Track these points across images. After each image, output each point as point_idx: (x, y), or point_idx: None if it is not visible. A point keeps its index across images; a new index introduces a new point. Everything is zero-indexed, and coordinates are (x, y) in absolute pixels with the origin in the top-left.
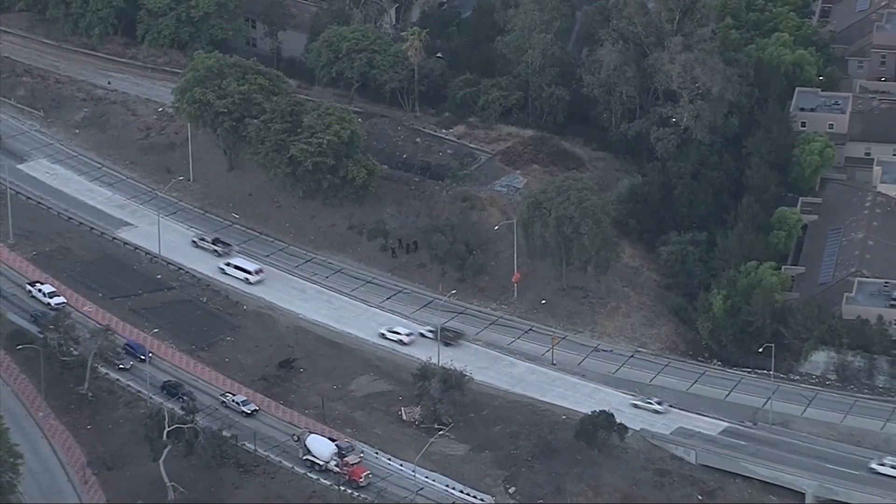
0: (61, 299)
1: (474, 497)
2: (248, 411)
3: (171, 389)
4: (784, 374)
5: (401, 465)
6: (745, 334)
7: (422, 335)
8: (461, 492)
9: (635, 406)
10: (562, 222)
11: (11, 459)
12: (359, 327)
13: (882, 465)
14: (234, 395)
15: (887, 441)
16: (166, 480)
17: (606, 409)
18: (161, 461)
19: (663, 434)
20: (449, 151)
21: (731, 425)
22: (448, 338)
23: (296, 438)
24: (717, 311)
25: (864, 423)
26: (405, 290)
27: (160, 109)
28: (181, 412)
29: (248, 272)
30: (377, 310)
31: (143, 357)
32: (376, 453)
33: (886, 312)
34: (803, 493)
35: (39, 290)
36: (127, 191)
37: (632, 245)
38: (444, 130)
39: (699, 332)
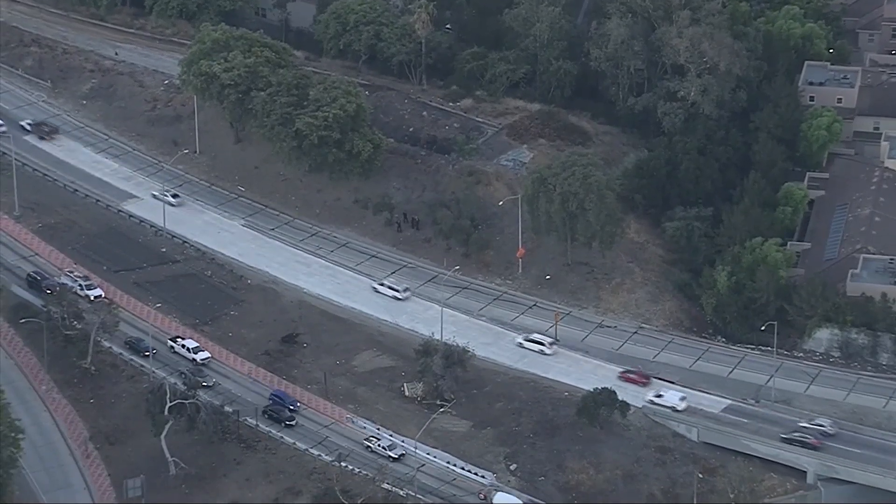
0: (207, 354)
1: (475, 474)
2: (395, 455)
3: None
4: (787, 351)
5: (402, 441)
6: (749, 311)
7: (23, 128)
8: (462, 468)
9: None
10: (566, 198)
11: (13, 434)
12: (363, 302)
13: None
14: (378, 438)
15: (889, 418)
16: (168, 456)
17: (609, 387)
18: (162, 436)
19: (665, 411)
20: (455, 125)
21: (734, 402)
22: (43, 132)
23: (482, 497)
24: (721, 288)
25: (867, 400)
26: (410, 265)
27: (167, 81)
28: (183, 387)
29: None
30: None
31: (292, 407)
32: (378, 429)
33: (891, 290)
34: (805, 472)
35: (183, 346)
36: (133, 163)
37: (637, 220)
38: (450, 104)
39: (703, 308)
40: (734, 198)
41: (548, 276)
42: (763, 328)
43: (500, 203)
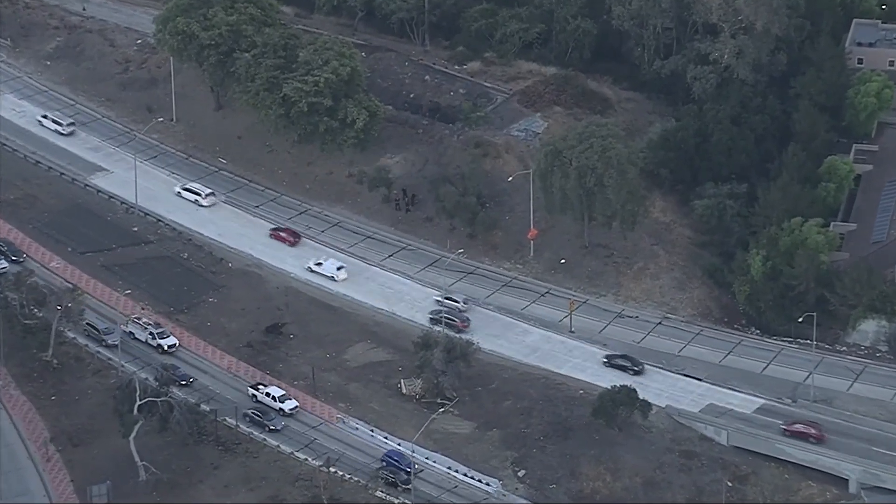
0: (294, 403)
1: (480, 480)
2: None
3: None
4: (829, 344)
5: (399, 444)
6: (786, 300)
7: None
8: (465, 474)
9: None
10: (583, 173)
11: None
12: (356, 288)
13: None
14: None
15: None
16: (137, 459)
17: (629, 384)
18: (131, 438)
19: (692, 412)
20: (461, 91)
21: (768, 402)
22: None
23: None
24: (755, 274)
25: None
26: (410, 247)
27: (140, 41)
28: (155, 383)
29: None
30: (378, 269)
31: (408, 470)
32: (371, 430)
33: None
34: (846, 480)
35: (267, 394)
36: (102, 131)
37: (663, 198)
38: (456, 67)
39: (735, 296)
40: (771, 173)
41: (562, 260)
42: (801, 319)
43: (510, 178)
